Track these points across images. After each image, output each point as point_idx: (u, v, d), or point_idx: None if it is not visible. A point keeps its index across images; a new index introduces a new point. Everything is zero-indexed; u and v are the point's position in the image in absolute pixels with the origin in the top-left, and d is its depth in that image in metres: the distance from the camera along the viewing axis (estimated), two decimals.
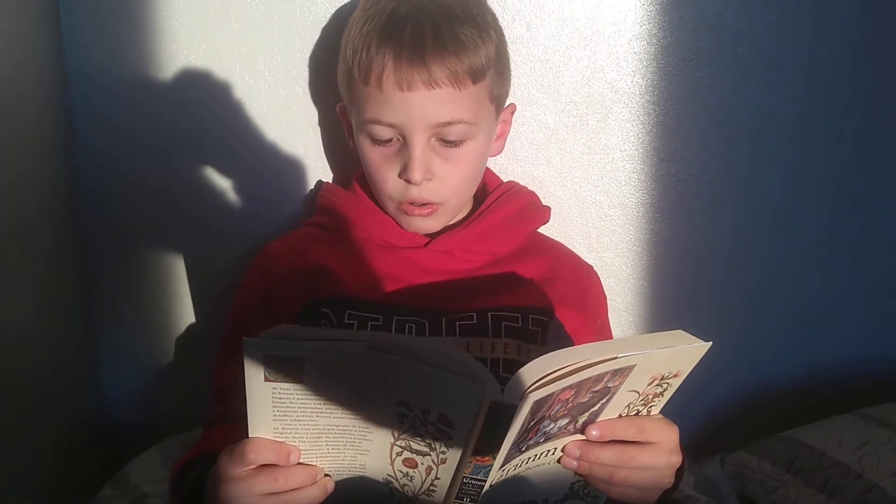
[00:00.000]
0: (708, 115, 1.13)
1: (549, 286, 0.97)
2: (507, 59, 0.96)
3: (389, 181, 0.93)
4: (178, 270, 1.15)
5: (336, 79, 0.98)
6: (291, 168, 1.11)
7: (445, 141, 0.90)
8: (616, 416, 0.72)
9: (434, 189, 0.92)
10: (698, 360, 0.68)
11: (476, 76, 0.89)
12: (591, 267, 1.05)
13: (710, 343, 0.66)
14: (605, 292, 1.06)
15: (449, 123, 0.89)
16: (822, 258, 1.21)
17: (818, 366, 1.24)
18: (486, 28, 0.91)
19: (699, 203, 1.16)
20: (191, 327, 1.17)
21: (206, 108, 1.09)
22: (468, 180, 0.95)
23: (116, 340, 1.17)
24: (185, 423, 1.12)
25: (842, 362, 1.24)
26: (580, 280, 1.02)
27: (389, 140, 0.91)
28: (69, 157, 1.10)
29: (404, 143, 0.90)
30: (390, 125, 0.89)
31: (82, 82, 1.08)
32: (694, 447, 1.17)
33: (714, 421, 1.23)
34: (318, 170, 1.11)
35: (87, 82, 1.08)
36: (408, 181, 0.91)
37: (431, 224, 0.96)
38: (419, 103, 0.87)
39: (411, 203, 0.93)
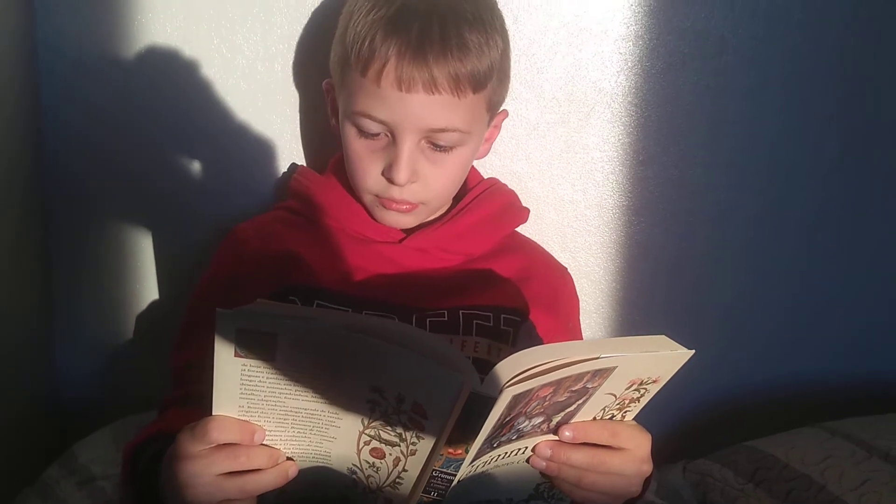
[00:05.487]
0: (690, 121, 1.13)
1: (522, 286, 0.96)
2: (509, 65, 0.95)
3: (371, 176, 0.90)
4: (141, 247, 1.12)
5: (318, 58, 0.96)
6: (265, 149, 1.09)
7: (435, 145, 0.89)
8: (590, 418, 0.71)
9: (416, 190, 0.91)
10: (679, 367, 0.67)
11: (477, 85, 0.87)
12: (565, 268, 1.04)
13: (693, 351, 0.65)
14: (577, 294, 1.05)
15: (443, 130, 0.87)
16: (796, 271, 1.21)
17: (786, 378, 1.25)
18: (493, 34, 0.89)
19: (676, 208, 1.16)
20: (152, 306, 1.14)
21: (179, 81, 1.06)
22: (452, 184, 0.94)
23: (73, 317, 1.14)
24: (140, 404, 1.08)
25: (810, 376, 1.25)
26: (553, 281, 1.01)
27: (377, 134, 0.88)
28: (33, 129, 1.06)
29: (392, 141, 0.88)
30: (381, 122, 0.87)
31: (51, 51, 1.04)
32: (657, 453, 1.17)
33: (678, 428, 1.23)
34: (294, 152, 1.09)
35: (55, 51, 1.04)
36: (391, 181, 0.89)
37: (407, 220, 0.94)
38: (416, 106, 0.85)
39: (390, 199, 0.91)
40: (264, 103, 1.07)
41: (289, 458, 0.68)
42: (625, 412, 0.71)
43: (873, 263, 1.23)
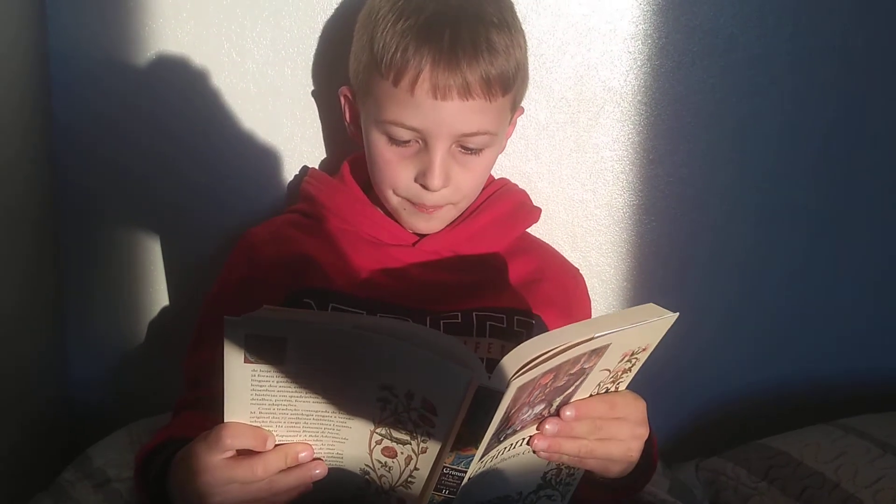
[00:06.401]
0: (698, 119, 1.13)
1: (534, 287, 0.96)
2: (528, 65, 0.95)
3: (402, 182, 0.91)
4: (152, 253, 1.12)
5: (329, 61, 0.97)
6: (276, 152, 1.09)
7: (466, 148, 0.89)
8: (588, 395, 0.72)
9: (447, 194, 0.91)
10: (665, 331, 0.69)
11: (506, 87, 0.88)
12: (577, 269, 1.04)
13: (678, 314, 0.67)
14: (589, 294, 1.05)
15: (475, 134, 0.87)
16: (807, 268, 1.21)
17: (799, 375, 1.24)
18: (517, 35, 0.90)
19: (685, 206, 1.16)
20: (165, 310, 1.14)
21: (191, 86, 1.07)
22: (480, 185, 0.95)
23: (85, 323, 1.15)
24: (154, 408, 1.09)
25: (821, 373, 1.24)
26: (566, 282, 1.01)
27: (408, 141, 0.88)
28: (47, 137, 1.07)
29: (424, 147, 0.88)
30: (414, 129, 0.87)
31: (62, 59, 1.05)
32: (669, 452, 1.17)
33: (690, 426, 1.22)
34: (305, 155, 1.09)
35: (67, 60, 1.05)
36: (425, 186, 0.89)
37: (435, 225, 0.95)
38: (450, 112, 0.85)
39: (422, 205, 0.91)
40: (275, 107, 1.07)
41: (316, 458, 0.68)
42: (618, 384, 0.74)
43: (884, 260, 1.22)
